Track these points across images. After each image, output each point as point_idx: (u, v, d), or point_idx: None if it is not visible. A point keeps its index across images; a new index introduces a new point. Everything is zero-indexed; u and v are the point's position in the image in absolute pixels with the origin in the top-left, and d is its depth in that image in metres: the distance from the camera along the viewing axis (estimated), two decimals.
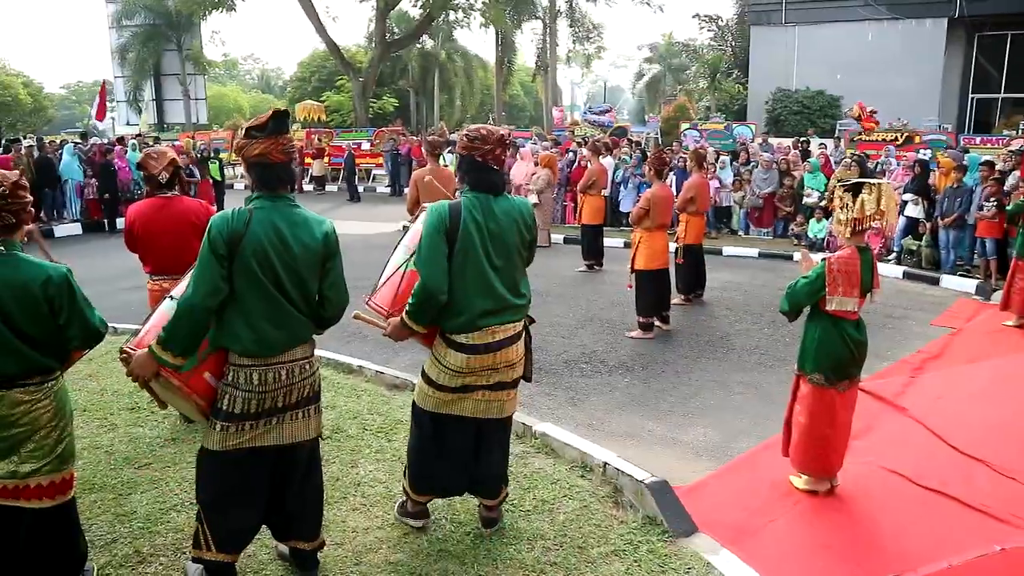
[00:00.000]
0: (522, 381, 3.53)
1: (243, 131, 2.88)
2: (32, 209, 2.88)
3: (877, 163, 13.50)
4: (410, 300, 3.18)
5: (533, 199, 12.28)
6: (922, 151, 14.69)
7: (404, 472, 3.59)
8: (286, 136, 2.91)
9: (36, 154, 14.37)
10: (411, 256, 3.37)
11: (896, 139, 16.27)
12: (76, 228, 14.47)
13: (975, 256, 10.16)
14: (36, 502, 2.83)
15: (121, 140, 18.66)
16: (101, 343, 3.09)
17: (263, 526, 3.15)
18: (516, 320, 3.35)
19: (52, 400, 2.83)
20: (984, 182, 9.70)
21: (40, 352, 2.77)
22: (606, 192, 12.28)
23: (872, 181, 3.98)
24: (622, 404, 5.65)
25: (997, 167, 10.05)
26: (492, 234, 3.21)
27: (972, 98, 24.42)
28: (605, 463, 4.13)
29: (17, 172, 2.85)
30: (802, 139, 17.60)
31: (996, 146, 15.18)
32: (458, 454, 3.43)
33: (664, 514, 3.67)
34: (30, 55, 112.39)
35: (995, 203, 9.36)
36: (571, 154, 15.11)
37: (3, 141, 16.61)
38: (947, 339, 7.34)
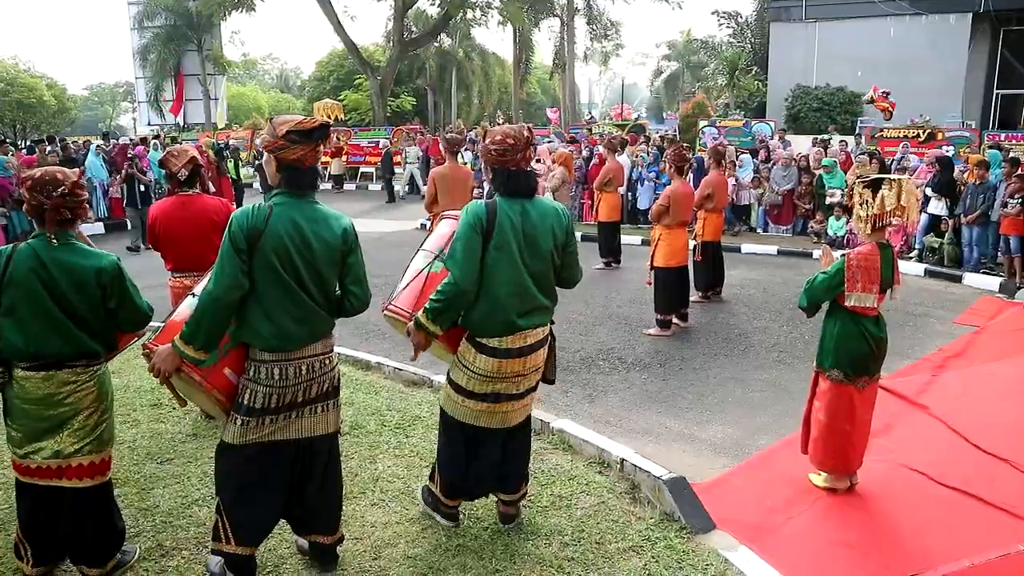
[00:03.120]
0: (543, 383, 3.54)
1: (280, 131, 2.82)
2: (87, 206, 3.10)
3: (892, 160, 13.36)
4: (433, 297, 3.15)
5: (548, 196, 12.29)
6: (945, 147, 14.53)
7: (431, 476, 3.61)
8: (323, 143, 2.94)
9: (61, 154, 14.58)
10: (433, 260, 3.37)
11: (918, 136, 16.09)
12: (99, 227, 14.64)
13: (999, 253, 10.02)
14: (76, 481, 3.00)
15: (144, 140, 18.85)
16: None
17: (283, 520, 3.18)
18: (544, 323, 3.34)
19: (95, 383, 3.01)
20: (1007, 179, 9.58)
21: (89, 336, 2.95)
22: (623, 189, 12.25)
23: (892, 177, 3.94)
24: (640, 401, 5.64)
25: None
26: (527, 236, 3.20)
27: (997, 94, 24.03)
28: (623, 459, 4.13)
29: (77, 171, 3.02)
30: (822, 137, 17.44)
31: (1022, 142, 14.97)
32: (489, 461, 3.45)
33: (682, 510, 3.67)
34: (54, 57, 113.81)
35: (1020, 200, 9.24)
36: (587, 151, 15.10)
37: (28, 142, 16.85)
38: (969, 337, 7.25)
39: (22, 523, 3.06)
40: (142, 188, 13.13)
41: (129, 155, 14.11)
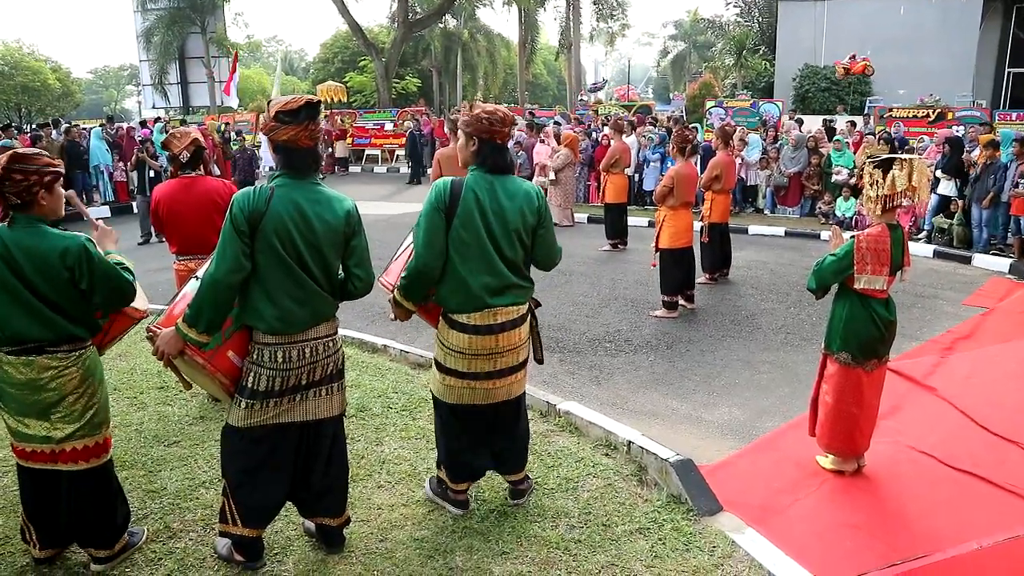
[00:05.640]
0: (535, 363, 3.53)
1: (271, 112, 2.82)
2: (47, 180, 2.84)
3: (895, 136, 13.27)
4: (402, 275, 3.22)
5: (551, 176, 12.23)
6: (955, 128, 14.39)
7: (437, 464, 3.62)
8: (315, 123, 2.87)
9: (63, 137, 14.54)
10: None
11: (928, 116, 15.94)
12: (105, 211, 14.65)
13: (1009, 234, 9.94)
14: (72, 465, 2.97)
15: (144, 123, 18.81)
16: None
17: (290, 503, 3.19)
18: (519, 303, 3.32)
19: (79, 368, 2.93)
20: (1018, 158, 9.47)
21: (69, 321, 2.87)
22: (629, 171, 12.19)
23: (903, 157, 3.89)
24: (646, 383, 5.62)
25: None
26: (495, 213, 3.18)
27: (1008, 72, 23.75)
28: (629, 442, 4.12)
29: (6, 155, 2.80)
30: (825, 117, 17.28)
31: None
32: (481, 439, 3.47)
33: (689, 492, 3.66)
34: (58, 40, 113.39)
35: None
36: (594, 133, 15.02)
37: (32, 126, 16.80)
38: (978, 319, 7.20)
39: (26, 506, 3.07)
40: (151, 174, 12.30)
41: (140, 139, 13.94)
